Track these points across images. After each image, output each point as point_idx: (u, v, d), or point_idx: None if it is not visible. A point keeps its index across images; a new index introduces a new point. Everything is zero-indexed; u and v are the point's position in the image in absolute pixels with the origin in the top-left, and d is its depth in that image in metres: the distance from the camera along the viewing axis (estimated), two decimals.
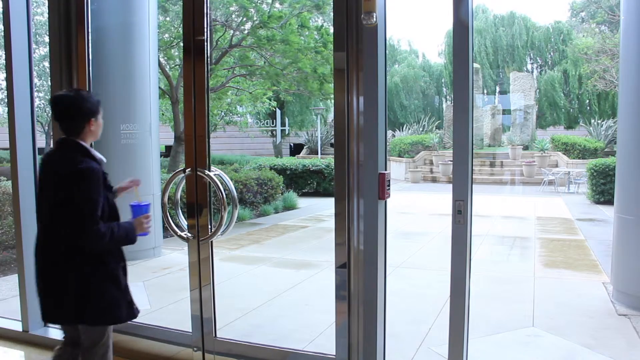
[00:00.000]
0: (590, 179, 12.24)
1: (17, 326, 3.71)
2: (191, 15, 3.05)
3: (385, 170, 2.75)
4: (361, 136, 2.74)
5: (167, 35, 11.43)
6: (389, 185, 2.74)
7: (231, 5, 10.99)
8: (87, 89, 3.32)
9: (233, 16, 11.15)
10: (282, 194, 11.57)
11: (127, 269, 2.45)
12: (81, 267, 2.24)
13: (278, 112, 23.74)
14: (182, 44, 3.22)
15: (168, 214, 3.20)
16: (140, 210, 2.39)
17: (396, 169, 20.79)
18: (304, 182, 13.69)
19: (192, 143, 3.08)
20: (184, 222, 3.15)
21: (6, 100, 3.80)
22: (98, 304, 2.27)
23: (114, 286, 2.32)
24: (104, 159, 2.36)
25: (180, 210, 3.28)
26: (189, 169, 3.09)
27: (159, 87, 9.66)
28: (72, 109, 2.28)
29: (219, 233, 3.05)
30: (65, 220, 2.19)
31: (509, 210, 11.60)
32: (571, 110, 26.59)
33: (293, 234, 8.69)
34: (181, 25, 11.06)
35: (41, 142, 17.14)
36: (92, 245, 2.21)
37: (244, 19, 11.12)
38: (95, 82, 3.57)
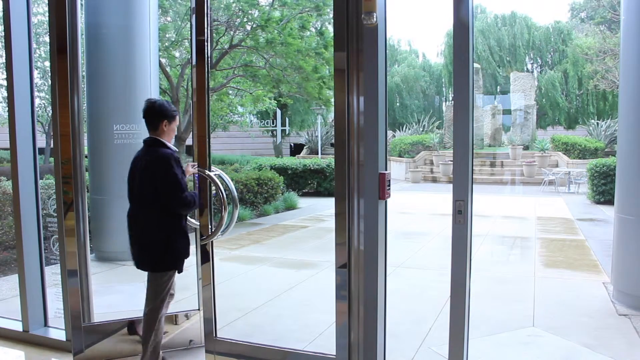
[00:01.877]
0: (591, 179, 12.22)
1: (17, 326, 3.72)
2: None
3: (386, 170, 2.75)
4: (361, 136, 2.74)
5: (167, 35, 11.41)
6: (389, 185, 2.75)
7: (230, 8, 10.99)
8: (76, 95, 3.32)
9: (234, 17, 11.14)
10: (282, 194, 11.56)
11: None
12: (167, 227, 2.95)
13: (278, 112, 23.72)
14: (183, 44, 3.23)
15: None
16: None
17: (396, 169, 20.79)
18: (305, 182, 13.67)
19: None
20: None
21: (6, 100, 3.80)
22: (173, 252, 3.00)
23: (186, 238, 3.05)
24: (177, 149, 3.07)
25: None
26: None
27: (160, 87, 9.66)
28: (150, 110, 3.01)
29: (218, 233, 3.06)
30: (163, 194, 2.87)
31: (509, 210, 11.59)
32: (571, 110, 26.56)
33: (293, 234, 8.69)
34: (182, 25, 11.08)
35: (41, 142, 17.06)
36: (185, 210, 2.96)
37: (244, 19, 11.10)
38: (96, 82, 3.57)
